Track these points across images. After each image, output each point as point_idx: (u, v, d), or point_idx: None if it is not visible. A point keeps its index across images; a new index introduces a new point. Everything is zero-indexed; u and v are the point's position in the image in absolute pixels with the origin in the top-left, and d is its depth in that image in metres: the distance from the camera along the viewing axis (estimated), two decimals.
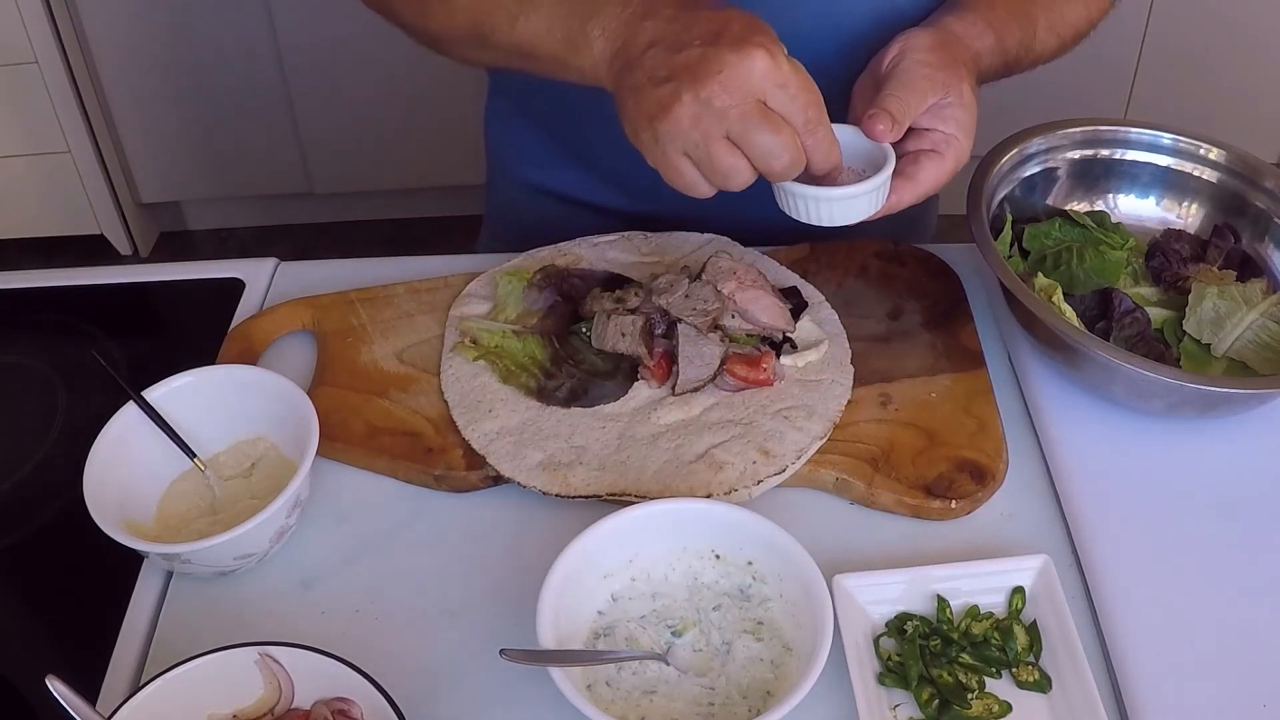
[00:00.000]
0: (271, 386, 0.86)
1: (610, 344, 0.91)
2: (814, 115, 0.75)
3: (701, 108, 0.72)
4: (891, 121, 0.80)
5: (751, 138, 0.73)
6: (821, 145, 0.76)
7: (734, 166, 0.75)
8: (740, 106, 0.72)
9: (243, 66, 2.55)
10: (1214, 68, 2.51)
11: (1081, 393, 0.92)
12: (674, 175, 0.77)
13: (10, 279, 1.10)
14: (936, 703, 0.73)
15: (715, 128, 0.73)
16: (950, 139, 0.82)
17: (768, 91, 0.73)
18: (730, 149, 0.74)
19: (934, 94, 0.82)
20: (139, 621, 0.81)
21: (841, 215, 0.81)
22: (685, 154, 0.75)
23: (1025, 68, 0.96)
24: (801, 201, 0.81)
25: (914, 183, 0.82)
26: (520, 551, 0.83)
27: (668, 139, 0.74)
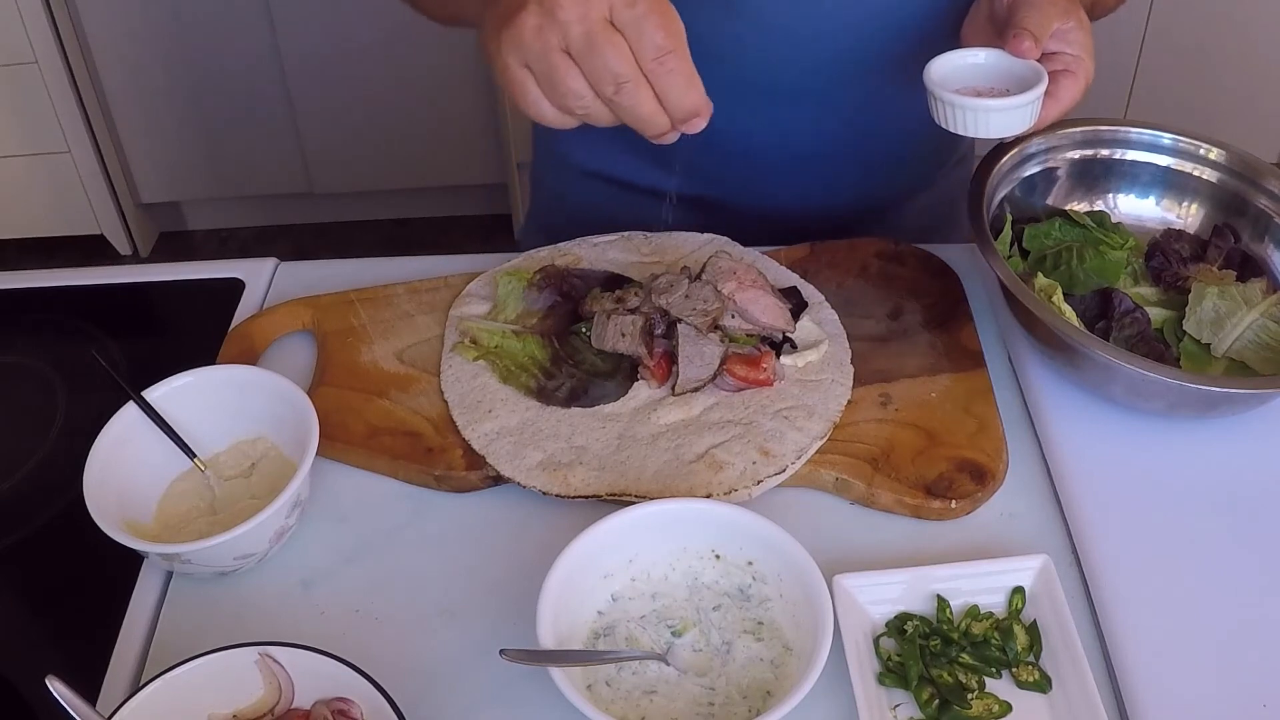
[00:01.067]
0: (271, 386, 0.86)
1: (610, 344, 0.91)
2: (663, 42, 0.70)
3: (545, 18, 0.70)
4: (1034, 39, 0.83)
5: (590, 57, 0.70)
6: (673, 78, 0.71)
7: (573, 85, 0.72)
8: (584, 20, 0.69)
9: (243, 67, 2.55)
10: (1214, 68, 2.51)
11: (1081, 393, 0.92)
12: (515, 89, 0.74)
13: (10, 279, 1.10)
14: (936, 703, 0.73)
15: (555, 39, 0.70)
16: (1078, 59, 0.86)
17: (614, 7, 0.70)
18: (570, 65, 0.71)
19: (1059, 18, 0.85)
20: (139, 621, 0.81)
21: (998, 126, 0.85)
22: (527, 66, 0.72)
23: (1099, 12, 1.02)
24: (960, 112, 0.85)
25: (1056, 100, 0.85)
26: (520, 551, 0.83)
27: (510, 48, 0.72)
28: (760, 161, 1.08)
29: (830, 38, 0.99)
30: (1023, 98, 0.83)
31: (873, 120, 1.06)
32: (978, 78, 0.88)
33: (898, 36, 0.98)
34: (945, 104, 0.85)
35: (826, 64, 1.00)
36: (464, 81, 2.58)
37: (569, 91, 0.72)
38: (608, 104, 0.73)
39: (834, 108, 1.04)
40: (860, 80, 1.01)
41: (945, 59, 0.88)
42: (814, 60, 1.00)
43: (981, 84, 0.87)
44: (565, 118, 0.75)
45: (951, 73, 0.88)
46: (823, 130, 1.06)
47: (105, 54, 2.53)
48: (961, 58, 0.88)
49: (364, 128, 2.65)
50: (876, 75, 1.00)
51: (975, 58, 0.88)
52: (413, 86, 2.58)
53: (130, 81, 2.58)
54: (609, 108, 0.73)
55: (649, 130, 0.74)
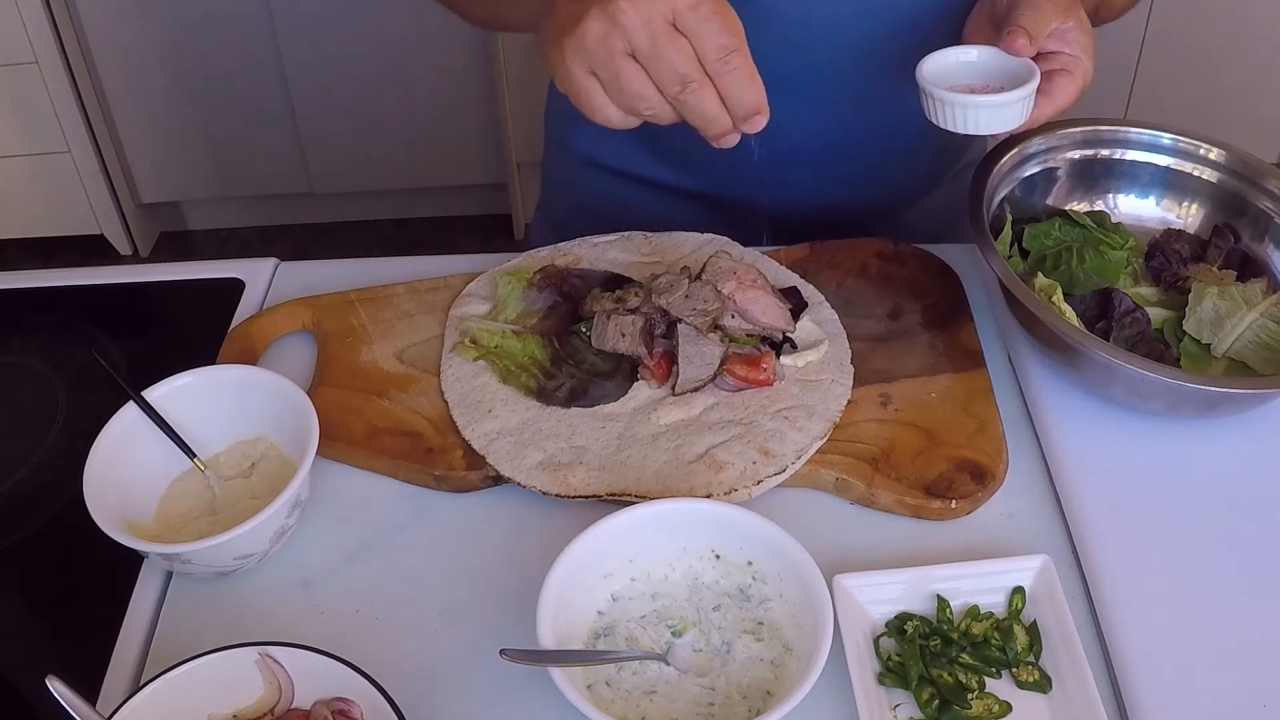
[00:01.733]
0: (271, 386, 0.86)
1: (610, 344, 0.91)
2: (727, 42, 0.72)
3: (608, 24, 0.71)
4: (1029, 37, 0.83)
5: (656, 61, 0.72)
6: (736, 76, 0.73)
7: (639, 88, 0.73)
8: (648, 25, 0.71)
9: (243, 67, 2.55)
10: (1214, 68, 2.51)
11: (1081, 393, 0.92)
12: (580, 95, 0.75)
13: (10, 279, 1.10)
14: (936, 703, 0.73)
15: (620, 44, 0.72)
16: (1076, 59, 0.86)
17: (677, 10, 0.71)
18: (636, 68, 0.73)
19: (1058, 17, 0.85)
20: (139, 621, 0.81)
21: (992, 123, 0.85)
22: (592, 73, 0.74)
23: (1104, 16, 1.02)
24: (949, 108, 0.85)
25: (1051, 99, 0.85)
26: (520, 551, 0.83)
27: (574, 55, 0.73)
28: (763, 157, 1.08)
29: (832, 33, 0.99)
30: (1013, 94, 0.83)
31: (876, 117, 1.06)
32: (971, 75, 0.88)
33: (900, 33, 0.98)
34: (935, 100, 0.85)
35: (829, 59, 1.01)
36: (464, 82, 2.58)
37: (636, 94, 0.73)
38: (673, 103, 0.74)
39: (837, 103, 1.04)
40: (863, 76, 1.01)
41: (938, 56, 0.88)
42: (816, 55, 1.00)
43: (975, 81, 0.87)
44: (629, 119, 0.76)
45: (945, 70, 0.88)
46: (825, 126, 1.06)
47: (105, 54, 2.53)
48: (955, 55, 0.88)
49: (364, 128, 2.65)
50: (879, 71, 1.00)
51: (968, 55, 0.88)
52: (413, 86, 2.58)
53: (130, 81, 2.58)
54: (674, 107, 0.75)
55: (712, 129, 0.76)
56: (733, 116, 0.76)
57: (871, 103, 1.05)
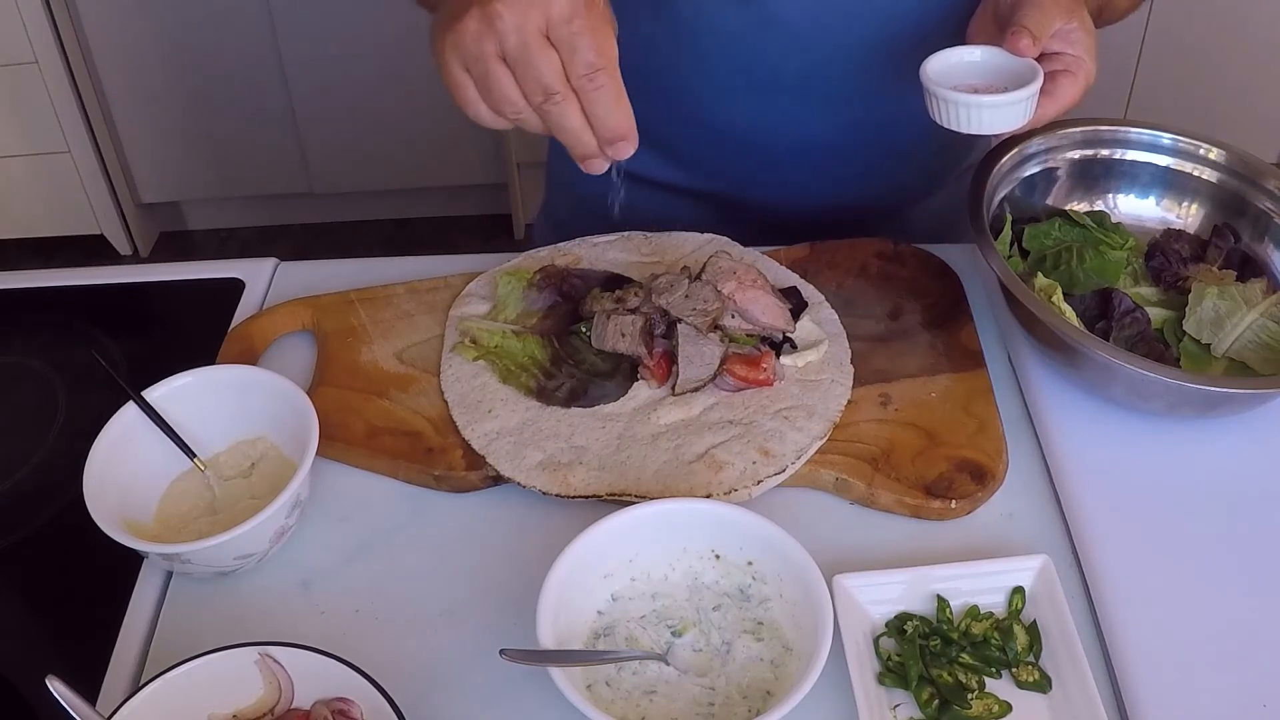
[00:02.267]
0: (271, 386, 0.86)
1: (610, 344, 0.91)
2: (594, 60, 0.73)
3: (484, 24, 0.72)
4: (1032, 38, 0.83)
5: (523, 67, 0.73)
6: (600, 95, 0.74)
7: (507, 92, 0.74)
8: (520, 31, 0.72)
9: (243, 67, 2.55)
10: (1214, 68, 2.51)
11: (1081, 393, 0.92)
12: (455, 89, 0.77)
13: (10, 279, 1.10)
14: (936, 703, 0.73)
15: (492, 46, 0.73)
16: (1079, 60, 0.86)
17: (552, 23, 0.72)
18: (505, 72, 0.74)
19: (1061, 18, 0.85)
20: (139, 621, 0.81)
21: (991, 123, 0.85)
22: (466, 70, 0.75)
23: (1108, 17, 1.02)
24: (955, 108, 0.85)
25: (1054, 99, 0.86)
26: (520, 551, 0.83)
27: (451, 51, 0.75)
28: (764, 155, 1.08)
29: (833, 34, 0.99)
30: (1016, 94, 0.83)
31: (877, 117, 1.06)
32: (975, 75, 0.88)
33: (901, 34, 0.98)
34: (939, 99, 0.86)
35: (830, 59, 1.01)
36: None
37: (503, 98, 0.75)
38: (538, 113, 0.75)
39: (837, 103, 1.04)
40: (864, 77, 1.01)
41: (942, 56, 0.88)
42: (817, 55, 1.00)
43: (979, 81, 0.87)
44: (499, 120, 0.77)
45: (948, 70, 0.88)
46: (826, 126, 1.06)
47: (105, 54, 2.53)
48: (958, 55, 0.88)
49: (364, 128, 2.65)
50: (880, 72, 1.00)
51: (972, 55, 0.88)
52: (413, 87, 2.58)
53: (130, 81, 2.57)
54: (540, 117, 0.75)
55: (575, 148, 0.77)
56: (598, 138, 0.76)
57: (872, 103, 1.05)
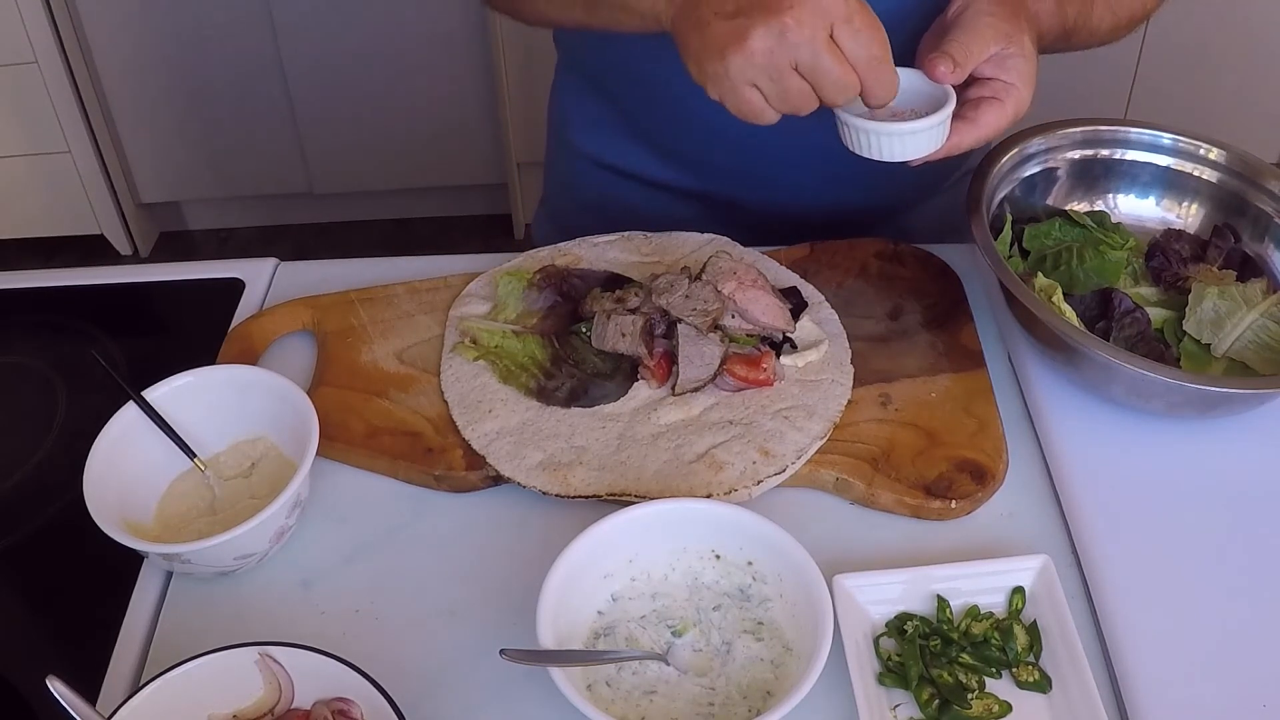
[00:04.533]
0: (271, 386, 0.86)
1: (610, 344, 0.91)
2: (878, 51, 0.78)
3: (775, 40, 0.75)
4: (953, 64, 0.83)
5: (821, 70, 0.77)
6: (883, 80, 0.79)
7: (803, 95, 0.78)
8: (812, 41, 0.75)
9: (243, 67, 2.55)
10: (1214, 68, 2.51)
11: (1081, 393, 0.92)
12: (742, 105, 0.80)
13: (10, 279, 1.10)
14: (936, 703, 0.73)
15: (786, 58, 0.76)
16: (1010, 87, 0.85)
17: (836, 26, 0.76)
18: (801, 81, 0.78)
19: (996, 43, 0.85)
20: (139, 621, 0.81)
21: (901, 150, 0.84)
22: (754, 84, 0.78)
23: (1082, 41, 1.00)
24: (864, 135, 0.84)
25: (974, 125, 0.85)
26: (520, 551, 0.83)
27: (739, 71, 0.77)
28: (764, 157, 1.08)
29: None
30: (922, 123, 0.82)
31: None
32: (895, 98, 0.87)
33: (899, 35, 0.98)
34: (847, 126, 0.85)
35: None
36: (464, 82, 2.58)
37: (802, 102, 0.79)
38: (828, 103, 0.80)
39: None
40: None
41: None
42: None
43: (900, 105, 0.85)
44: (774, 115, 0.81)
45: None
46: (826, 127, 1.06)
47: (105, 54, 2.53)
48: None
49: (364, 128, 2.65)
50: None
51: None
52: (413, 87, 2.58)
53: (130, 81, 2.57)
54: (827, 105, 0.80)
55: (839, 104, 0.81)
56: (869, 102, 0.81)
57: None
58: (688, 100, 1.05)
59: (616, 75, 1.12)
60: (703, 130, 1.07)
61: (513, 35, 2.45)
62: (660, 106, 1.08)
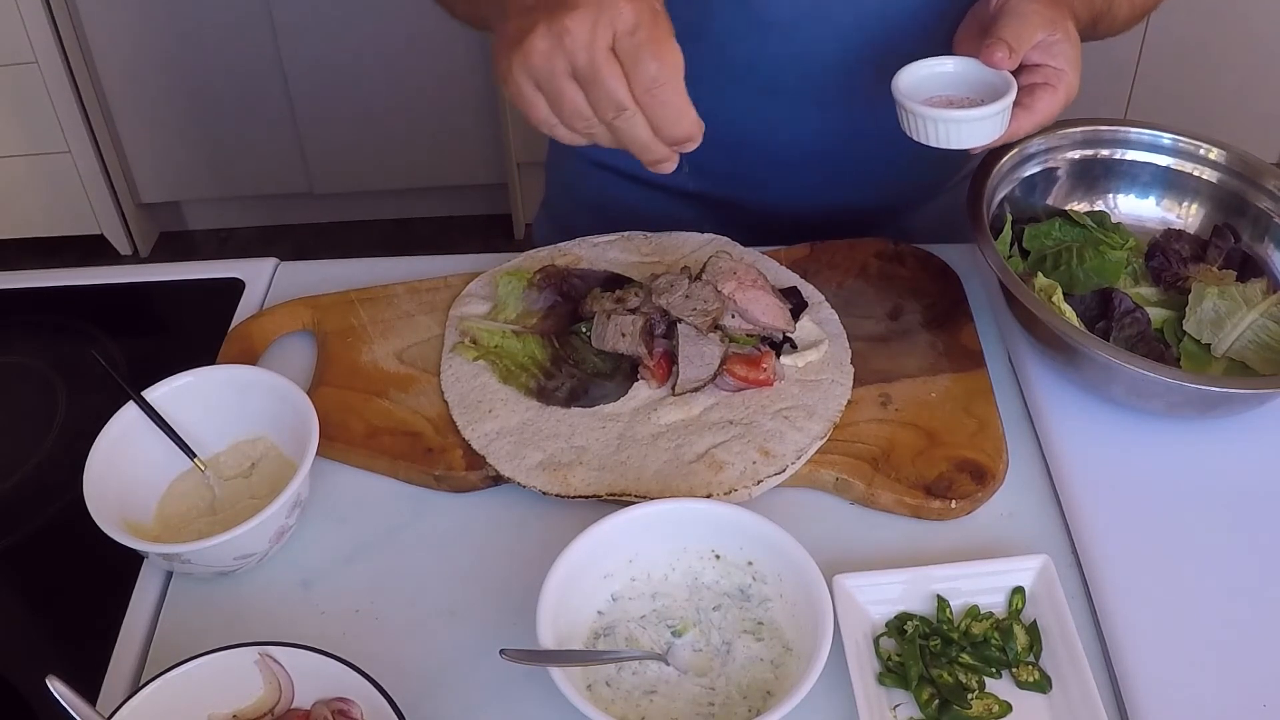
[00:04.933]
0: (271, 386, 0.86)
1: (610, 344, 0.91)
2: (657, 72, 0.72)
3: (552, 41, 0.72)
4: (1009, 50, 0.83)
5: (592, 86, 0.73)
6: (664, 109, 0.73)
7: (579, 108, 0.74)
8: (589, 48, 0.72)
9: (243, 67, 2.55)
10: (1214, 68, 2.51)
11: (1081, 393, 0.92)
12: (525, 107, 0.77)
13: (10, 279, 1.10)
14: (936, 703, 0.73)
15: (562, 64, 0.73)
16: (1061, 73, 0.85)
17: (617, 35, 0.72)
18: (576, 90, 0.74)
19: (1043, 29, 0.84)
20: (139, 621, 0.81)
21: (967, 138, 0.84)
22: (538, 88, 0.75)
23: (1105, 29, 1.00)
24: (926, 122, 0.84)
25: (1031, 112, 0.85)
26: (520, 551, 0.83)
27: (520, 69, 0.74)
28: (762, 157, 1.08)
29: (831, 37, 0.99)
30: (987, 109, 0.82)
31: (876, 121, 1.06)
32: (949, 86, 0.87)
33: (898, 37, 0.98)
34: (910, 114, 0.85)
35: (828, 63, 1.00)
36: (464, 82, 2.58)
37: (575, 114, 0.75)
38: (608, 128, 0.75)
39: (836, 106, 1.04)
40: (862, 80, 1.01)
41: (915, 68, 0.87)
42: (815, 59, 1.00)
43: (954, 93, 0.86)
44: (574, 135, 0.78)
45: (920, 81, 0.87)
46: (825, 129, 1.06)
47: (105, 54, 2.53)
48: (931, 66, 0.87)
49: (364, 128, 2.65)
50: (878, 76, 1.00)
51: (944, 66, 0.87)
52: (413, 87, 2.58)
53: (130, 81, 2.57)
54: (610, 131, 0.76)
55: (645, 156, 0.77)
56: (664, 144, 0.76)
57: (871, 107, 1.04)
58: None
59: None
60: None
61: None
62: None
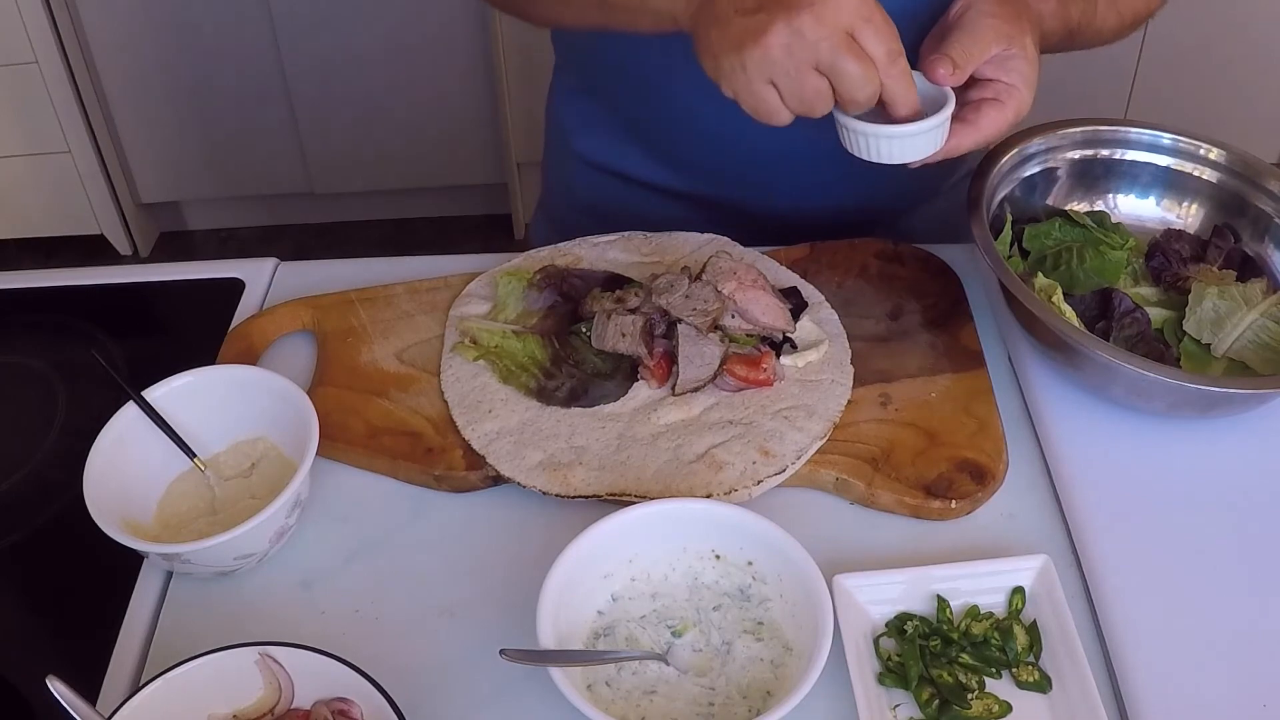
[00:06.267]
0: (271, 386, 0.86)
1: (610, 344, 0.91)
2: (895, 50, 0.77)
3: (794, 37, 0.75)
4: (952, 66, 0.83)
5: (841, 68, 0.76)
6: (901, 80, 0.79)
7: (819, 93, 0.78)
8: (831, 38, 0.75)
9: (243, 66, 2.55)
10: (1214, 68, 2.51)
11: (1081, 393, 0.92)
12: (757, 103, 0.79)
13: (10, 279, 1.10)
14: (936, 703, 0.73)
15: (806, 56, 0.76)
16: (1012, 89, 0.85)
17: (856, 25, 0.76)
18: (820, 78, 0.77)
19: (997, 44, 0.84)
20: (139, 621, 0.81)
21: (900, 153, 0.84)
22: (770, 82, 0.78)
23: (1087, 40, 0.99)
24: (863, 138, 0.84)
25: (974, 128, 0.85)
26: (520, 551, 0.83)
27: (756, 67, 0.77)
28: (760, 159, 1.08)
29: None
30: (920, 125, 0.81)
31: None
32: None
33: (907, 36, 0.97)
34: (845, 129, 0.84)
35: None
36: (464, 82, 2.58)
37: (815, 98, 0.78)
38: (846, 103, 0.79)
39: None
40: None
41: None
42: None
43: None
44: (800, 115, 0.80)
45: None
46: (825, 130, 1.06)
47: (105, 54, 2.53)
48: None
49: (364, 128, 2.65)
50: None
51: None
52: (413, 87, 2.58)
53: (130, 81, 2.57)
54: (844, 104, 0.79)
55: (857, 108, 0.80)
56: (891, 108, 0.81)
57: None
58: (684, 103, 1.05)
59: (613, 78, 1.12)
60: (697, 133, 1.07)
61: (513, 35, 2.45)
62: (656, 109, 1.08)
